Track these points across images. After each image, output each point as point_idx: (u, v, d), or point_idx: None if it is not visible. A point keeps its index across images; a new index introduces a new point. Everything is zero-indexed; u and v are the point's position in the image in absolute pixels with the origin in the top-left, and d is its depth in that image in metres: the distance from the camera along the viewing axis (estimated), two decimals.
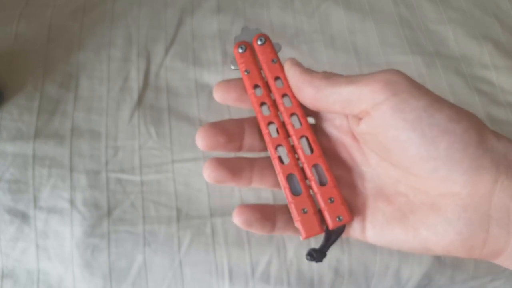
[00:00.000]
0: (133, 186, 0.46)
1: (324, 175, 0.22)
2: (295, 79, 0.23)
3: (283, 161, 0.23)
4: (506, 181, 0.18)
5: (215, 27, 0.56)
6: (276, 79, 0.24)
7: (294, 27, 0.57)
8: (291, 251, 0.44)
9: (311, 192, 0.22)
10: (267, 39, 0.25)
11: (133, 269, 0.43)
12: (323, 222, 0.22)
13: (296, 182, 0.22)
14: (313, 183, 0.22)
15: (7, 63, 0.52)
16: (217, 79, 0.52)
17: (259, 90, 0.24)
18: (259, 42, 0.24)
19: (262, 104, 0.23)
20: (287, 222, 0.23)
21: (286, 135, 0.23)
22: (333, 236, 0.22)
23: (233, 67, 0.25)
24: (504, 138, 0.20)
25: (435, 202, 0.20)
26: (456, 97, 0.52)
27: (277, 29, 0.57)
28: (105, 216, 0.45)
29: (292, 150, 0.23)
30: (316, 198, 0.22)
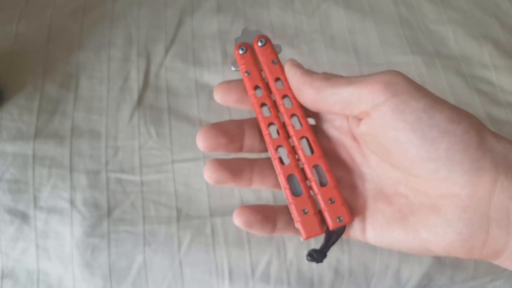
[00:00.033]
0: (133, 186, 0.46)
1: (325, 176, 0.22)
2: (295, 80, 0.23)
3: (283, 161, 0.23)
4: (506, 182, 0.18)
5: (215, 27, 0.56)
6: (276, 80, 0.24)
7: (294, 27, 0.57)
8: (291, 251, 0.44)
9: (311, 192, 0.22)
10: (268, 40, 0.25)
11: (133, 269, 0.43)
12: (323, 223, 0.22)
13: (296, 182, 0.22)
14: (314, 183, 0.22)
15: (7, 63, 0.52)
16: (217, 79, 0.52)
17: (260, 91, 0.24)
18: (260, 44, 0.24)
19: (263, 105, 0.23)
20: (288, 222, 0.23)
21: (287, 136, 0.23)
22: (333, 237, 0.22)
23: (233, 68, 0.25)
24: (504, 139, 0.20)
25: (435, 203, 0.20)
26: (456, 97, 0.52)
27: (277, 29, 0.57)
28: (105, 216, 0.45)
29: (293, 151, 0.23)
30: (317, 198, 0.22)
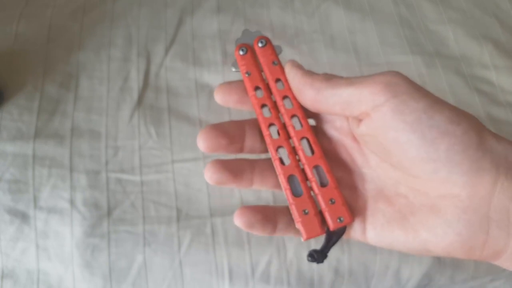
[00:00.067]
0: (133, 186, 0.46)
1: (325, 176, 0.22)
2: (295, 81, 0.23)
3: (284, 162, 0.23)
4: (506, 183, 0.18)
5: (215, 27, 0.56)
6: (277, 81, 0.24)
7: (294, 27, 0.57)
8: (291, 251, 0.44)
9: (312, 193, 0.22)
10: (268, 41, 0.25)
11: (133, 269, 0.43)
12: (324, 223, 0.22)
13: (297, 183, 0.22)
14: (314, 184, 0.22)
15: (7, 63, 0.52)
16: (217, 79, 0.52)
17: (260, 92, 0.24)
18: (260, 45, 0.25)
19: (263, 106, 0.24)
20: (288, 223, 0.23)
21: (287, 136, 0.23)
22: (334, 237, 0.22)
23: (234, 69, 0.25)
24: (504, 139, 0.20)
25: (435, 203, 0.20)
26: (456, 97, 0.53)
27: (277, 29, 0.57)
28: (105, 216, 0.45)
29: (293, 152, 0.23)
30: (317, 199, 0.22)
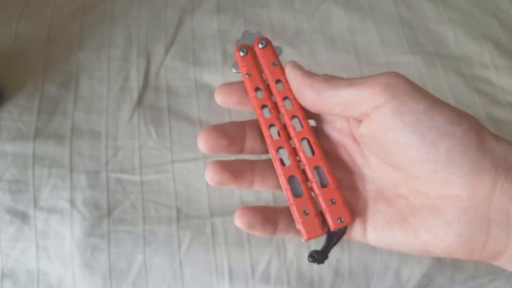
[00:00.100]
0: (133, 186, 0.46)
1: (325, 177, 0.22)
2: (296, 82, 0.23)
3: (284, 163, 0.23)
4: (506, 183, 0.18)
5: (215, 27, 0.56)
6: (277, 82, 0.24)
7: (294, 27, 0.57)
8: (291, 251, 0.44)
9: (312, 194, 0.22)
10: (268, 42, 0.25)
11: (133, 269, 0.43)
12: (324, 224, 0.22)
13: (297, 184, 0.22)
14: (315, 185, 0.22)
15: (7, 63, 0.52)
16: (217, 79, 0.52)
17: (260, 93, 0.24)
18: (260, 46, 0.25)
19: (263, 106, 0.24)
20: (289, 224, 0.23)
21: (287, 137, 0.23)
22: (334, 238, 0.22)
23: (234, 71, 0.25)
24: (504, 140, 0.20)
25: (435, 204, 0.20)
26: (456, 97, 0.53)
27: (277, 29, 0.57)
28: (105, 216, 0.45)
29: (293, 152, 0.23)
30: (318, 200, 0.22)
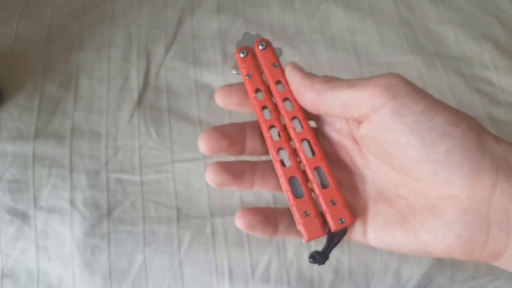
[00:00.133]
0: (133, 186, 0.46)
1: (326, 178, 0.22)
2: (296, 83, 0.23)
3: (284, 164, 0.23)
4: (506, 184, 0.18)
5: (215, 27, 0.56)
6: (277, 83, 0.24)
7: (294, 27, 0.57)
8: (291, 251, 0.44)
9: (313, 194, 0.22)
10: (268, 44, 0.25)
11: (133, 269, 0.43)
12: (325, 225, 0.22)
13: (298, 185, 0.22)
14: (315, 185, 0.22)
15: (7, 63, 0.52)
16: (217, 79, 0.52)
17: (261, 94, 0.24)
18: (260, 47, 0.25)
19: (264, 108, 0.24)
20: (289, 225, 0.23)
21: (288, 138, 0.23)
22: (335, 239, 0.22)
23: (234, 72, 0.25)
24: (503, 141, 0.20)
25: (435, 205, 0.20)
26: (456, 97, 0.53)
27: (277, 29, 0.57)
28: (105, 216, 0.45)
29: (294, 153, 0.23)
30: (318, 200, 0.22)
